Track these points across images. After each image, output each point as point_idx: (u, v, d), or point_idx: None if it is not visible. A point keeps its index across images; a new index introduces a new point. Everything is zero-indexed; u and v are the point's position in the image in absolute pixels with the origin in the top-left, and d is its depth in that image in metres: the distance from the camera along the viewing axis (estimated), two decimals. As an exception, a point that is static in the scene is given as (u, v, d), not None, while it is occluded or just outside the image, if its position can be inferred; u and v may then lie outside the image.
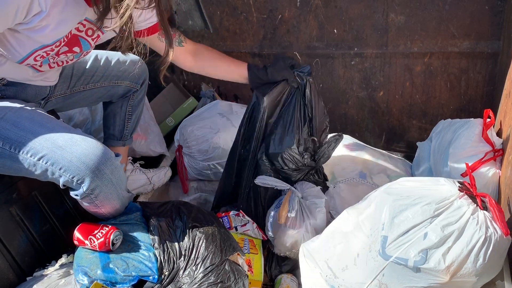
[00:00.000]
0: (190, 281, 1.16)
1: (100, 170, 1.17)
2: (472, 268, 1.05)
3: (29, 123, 1.19)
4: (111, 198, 1.25)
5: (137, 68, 1.64)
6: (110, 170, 1.20)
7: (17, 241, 1.39)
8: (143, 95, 1.75)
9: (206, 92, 2.37)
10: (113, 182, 1.22)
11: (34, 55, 1.18)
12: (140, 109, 1.75)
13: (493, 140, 1.50)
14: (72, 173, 1.16)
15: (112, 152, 1.24)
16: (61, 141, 1.17)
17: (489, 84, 1.87)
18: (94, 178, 1.17)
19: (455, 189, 1.13)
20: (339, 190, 1.72)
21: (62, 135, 1.18)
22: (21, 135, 1.17)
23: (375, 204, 1.19)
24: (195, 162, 1.93)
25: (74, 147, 1.16)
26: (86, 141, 1.19)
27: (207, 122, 1.95)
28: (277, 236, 1.54)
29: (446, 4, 1.78)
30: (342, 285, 1.19)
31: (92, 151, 1.17)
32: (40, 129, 1.18)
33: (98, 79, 1.57)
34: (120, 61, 1.61)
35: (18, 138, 1.17)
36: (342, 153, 1.93)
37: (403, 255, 1.08)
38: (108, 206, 1.27)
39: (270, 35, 2.14)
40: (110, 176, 1.20)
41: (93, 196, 1.21)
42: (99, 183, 1.18)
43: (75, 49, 1.26)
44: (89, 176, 1.16)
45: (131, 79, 1.64)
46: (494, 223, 1.09)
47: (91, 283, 1.11)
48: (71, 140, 1.18)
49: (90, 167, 1.16)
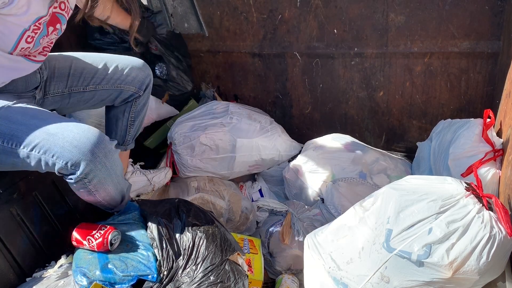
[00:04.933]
0: (189, 280, 1.16)
1: (94, 153, 1.16)
2: (475, 266, 1.05)
3: (21, 116, 1.19)
4: (105, 183, 1.24)
5: (140, 73, 1.61)
6: (104, 153, 1.18)
7: (17, 241, 1.39)
8: (146, 100, 1.71)
9: (206, 92, 2.37)
10: (107, 166, 1.20)
11: (24, 36, 1.20)
12: (143, 114, 1.72)
13: (493, 140, 1.50)
14: (65, 159, 1.15)
15: (106, 137, 1.22)
16: (53, 128, 1.16)
17: (489, 84, 1.87)
18: (88, 162, 1.15)
19: (461, 188, 1.14)
20: (338, 187, 1.73)
21: (55, 123, 1.18)
22: (13, 128, 1.16)
23: (381, 199, 1.20)
24: (183, 159, 1.94)
25: (66, 132, 1.15)
26: (78, 126, 1.18)
27: (196, 121, 1.97)
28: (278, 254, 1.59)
29: (446, 4, 1.78)
30: (345, 277, 1.20)
31: (85, 134, 1.16)
32: (32, 121, 1.18)
33: (99, 81, 1.55)
34: (122, 64, 1.59)
35: (11, 131, 1.16)
36: (342, 153, 1.93)
37: (407, 249, 1.09)
38: (103, 192, 1.26)
39: (270, 35, 2.14)
40: (104, 160, 1.19)
41: (87, 181, 1.19)
42: (92, 167, 1.17)
43: (57, 26, 1.31)
44: (82, 160, 1.15)
45: (134, 84, 1.61)
46: (499, 223, 1.09)
47: (90, 284, 1.11)
48: (64, 126, 1.17)
49: (82, 151, 1.14)
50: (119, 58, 1.60)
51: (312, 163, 1.94)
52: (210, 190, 1.90)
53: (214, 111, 2.03)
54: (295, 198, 1.95)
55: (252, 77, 2.31)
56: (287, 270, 1.61)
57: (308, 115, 2.29)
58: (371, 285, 1.15)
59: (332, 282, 1.24)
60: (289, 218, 1.65)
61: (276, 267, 1.62)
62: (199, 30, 2.12)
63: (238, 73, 2.33)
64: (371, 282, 1.15)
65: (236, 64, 2.30)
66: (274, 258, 1.63)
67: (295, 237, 1.59)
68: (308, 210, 1.77)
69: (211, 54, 2.32)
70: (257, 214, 1.84)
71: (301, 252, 1.52)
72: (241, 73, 2.32)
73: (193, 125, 1.96)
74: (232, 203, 1.83)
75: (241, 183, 2.14)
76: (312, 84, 2.19)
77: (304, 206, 1.80)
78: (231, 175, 2.02)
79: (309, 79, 2.18)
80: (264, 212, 1.83)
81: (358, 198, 1.37)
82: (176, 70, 2.13)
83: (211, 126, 1.95)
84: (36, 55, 1.34)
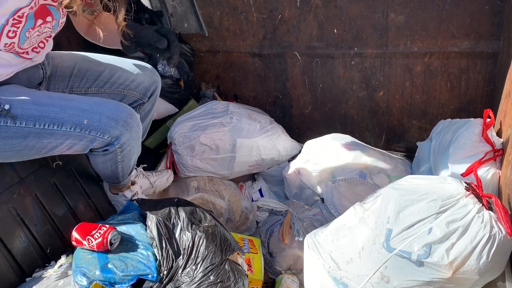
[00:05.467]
0: (189, 280, 1.16)
1: (129, 123, 1.24)
2: (475, 266, 1.05)
3: (48, 98, 1.22)
4: (134, 152, 1.35)
5: (146, 79, 1.56)
6: (136, 123, 1.27)
7: (17, 241, 1.39)
8: (151, 107, 1.65)
9: (207, 92, 2.37)
10: (138, 134, 1.30)
11: (4, 32, 1.12)
12: (148, 120, 1.68)
13: (493, 140, 1.50)
14: (104, 132, 1.22)
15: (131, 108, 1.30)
16: (86, 105, 1.21)
17: (489, 84, 1.87)
18: (125, 132, 1.24)
19: (461, 188, 1.14)
20: (338, 186, 1.73)
21: (84, 101, 1.23)
22: (44, 110, 1.18)
23: (381, 199, 1.20)
24: (183, 159, 1.94)
25: (100, 107, 1.22)
26: (108, 102, 1.26)
27: (196, 121, 1.97)
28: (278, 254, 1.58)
29: (446, 4, 1.78)
30: (345, 277, 1.20)
31: (118, 108, 1.24)
32: (62, 102, 1.22)
33: (102, 84, 1.52)
34: (129, 69, 1.54)
35: (42, 113, 1.18)
36: (342, 153, 1.93)
37: (407, 248, 1.09)
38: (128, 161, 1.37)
39: (270, 35, 2.14)
40: (137, 129, 1.28)
41: (120, 151, 1.28)
42: (128, 137, 1.26)
43: (48, 19, 1.21)
44: (121, 130, 1.22)
45: (139, 90, 1.56)
46: (499, 223, 1.10)
47: (90, 283, 1.11)
48: (95, 103, 1.23)
49: (120, 122, 1.22)
50: (126, 62, 1.56)
51: (312, 163, 1.94)
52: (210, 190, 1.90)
53: (214, 111, 2.03)
54: (295, 198, 1.95)
55: (252, 77, 2.31)
56: (287, 270, 1.61)
57: (308, 115, 2.29)
58: (371, 285, 1.16)
59: (332, 282, 1.25)
60: (289, 218, 1.66)
61: (276, 267, 1.62)
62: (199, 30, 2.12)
63: (238, 73, 2.33)
64: (371, 282, 1.15)
65: (236, 64, 2.30)
66: (274, 258, 1.63)
67: (295, 237, 1.59)
68: (308, 210, 1.78)
69: (211, 54, 2.32)
70: (257, 214, 1.84)
71: (301, 252, 1.52)
72: (241, 73, 2.32)
73: (193, 125, 1.96)
74: (232, 203, 1.83)
75: (241, 183, 2.14)
76: (312, 84, 2.19)
77: (304, 206, 1.80)
78: (231, 175, 2.02)
79: (309, 79, 2.18)
80: (264, 212, 1.83)
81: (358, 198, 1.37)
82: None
83: (211, 126, 1.95)
84: (29, 51, 1.27)
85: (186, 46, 2.25)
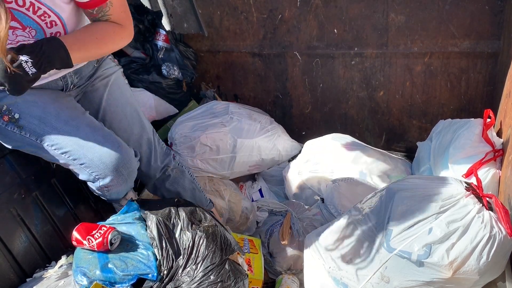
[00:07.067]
0: (189, 280, 1.16)
1: (119, 171, 1.23)
2: (475, 266, 1.05)
3: (55, 119, 1.23)
4: (121, 192, 1.34)
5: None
6: (128, 172, 1.26)
7: (18, 241, 1.39)
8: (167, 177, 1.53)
9: (207, 92, 2.38)
10: (128, 181, 1.28)
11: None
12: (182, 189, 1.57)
13: (493, 140, 1.50)
14: (92, 170, 1.23)
15: (132, 152, 1.29)
16: (83, 140, 1.22)
17: (489, 84, 1.87)
18: (112, 177, 1.23)
19: (461, 188, 1.14)
20: (338, 186, 1.73)
21: (85, 134, 1.23)
22: (46, 131, 1.22)
23: (381, 199, 1.20)
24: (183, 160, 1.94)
25: (96, 147, 1.21)
26: (107, 142, 1.24)
27: (196, 121, 1.97)
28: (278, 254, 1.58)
29: (446, 4, 1.78)
30: (345, 277, 1.20)
31: (113, 153, 1.22)
32: (64, 127, 1.23)
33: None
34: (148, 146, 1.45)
35: (44, 133, 1.22)
36: (342, 153, 1.93)
37: (407, 249, 1.09)
38: (115, 195, 1.35)
39: (270, 35, 2.14)
40: (127, 177, 1.26)
41: (106, 190, 1.28)
42: (115, 182, 1.25)
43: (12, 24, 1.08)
44: (108, 175, 1.23)
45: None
46: (499, 223, 1.10)
47: (90, 283, 1.11)
48: (93, 140, 1.23)
49: (109, 168, 1.22)
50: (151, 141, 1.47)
51: (312, 163, 1.94)
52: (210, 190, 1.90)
53: (214, 111, 2.03)
54: (295, 198, 1.95)
55: (252, 77, 2.31)
56: (287, 270, 1.61)
57: (308, 115, 2.29)
58: (371, 285, 1.16)
59: (332, 282, 1.25)
60: (289, 218, 1.65)
61: (276, 267, 1.62)
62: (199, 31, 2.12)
63: (238, 73, 2.33)
64: (371, 282, 1.15)
65: (236, 64, 2.30)
66: (274, 258, 1.63)
67: (295, 237, 1.59)
68: (308, 210, 1.77)
69: (211, 54, 2.32)
70: (257, 214, 1.84)
71: (301, 252, 1.52)
72: (241, 73, 2.32)
73: (193, 125, 1.95)
74: (232, 203, 1.83)
75: (241, 183, 2.14)
76: (312, 84, 2.19)
77: (303, 206, 1.79)
78: (231, 175, 2.02)
79: (309, 79, 2.18)
80: (264, 212, 1.83)
81: (358, 198, 1.37)
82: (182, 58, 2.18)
83: (212, 126, 1.95)
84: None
85: (190, 50, 2.25)
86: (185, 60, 2.19)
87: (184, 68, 2.19)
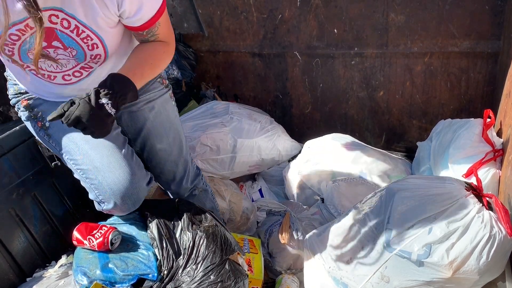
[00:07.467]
0: (190, 280, 1.16)
1: (124, 200, 1.23)
2: (475, 266, 1.05)
3: (77, 135, 1.25)
4: (121, 214, 1.33)
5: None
6: (133, 202, 1.25)
7: (17, 241, 1.39)
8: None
9: (207, 92, 2.38)
10: (131, 210, 1.27)
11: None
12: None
13: (493, 140, 1.50)
14: (99, 193, 1.23)
15: (144, 182, 1.27)
16: (98, 162, 1.23)
17: (489, 84, 1.87)
18: (116, 204, 1.23)
19: (461, 188, 1.15)
20: (338, 186, 1.73)
21: (101, 156, 1.23)
22: (68, 146, 1.26)
23: (381, 199, 1.20)
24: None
25: (108, 173, 1.22)
26: (121, 168, 1.23)
27: (196, 121, 1.97)
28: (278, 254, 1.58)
29: (446, 4, 1.78)
30: (345, 276, 1.20)
31: (123, 181, 1.22)
32: (84, 145, 1.25)
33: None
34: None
35: (65, 147, 1.27)
36: (342, 153, 1.93)
37: (407, 248, 1.09)
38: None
39: (270, 35, 2.14)
40: (131, 207, 1.26)
41: (108, 212, 1.28)
42: (118, 210, 1.25)
43: (54, 44, 1.11)
44: (112, 202, 1.23)
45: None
46: (499, 223, 1.10)
47: (90, 283, 1.11)
48: (107, 164, 1.23)
49: (116, 195, 1.22)
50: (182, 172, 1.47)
51: (312, 163, 1.94)
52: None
53: (214, 111, 2.03)
54: (295, 198, 1.95)
55: (252, 76, 2.31)
56: (287, 270, 1.61)
57: (308, 115, 2.29)
58: (371, 285, 1.16)
59: (332, 282, 1.25)
60: (288, 218, 1.65)
61: (276, 267, 1.62)
62: (199, 30, 2.13)
63: (238, 73, 2.33)
64: (371, 282, 1.15)
65: (236, 63, 2.30)
66: (273, 258, 1.63)
67: (294, 237, 1.59)
68: (307, 209, 1.77)
69: (211, 53, 2.32)
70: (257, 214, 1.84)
71: (300, 251, 1.52)
72: (241, 73, 2.32)
73: (193, 125, 1.95)
74: (233, 204, 1.83)
75: (241, 183, 2.14)
76: (312, 84, 2.19)
77: (301, 206, 1.79)
78: (232, 175, 2.02)
79: (309, 78, 2.18)
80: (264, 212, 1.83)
81: (358, 198, 1.37)
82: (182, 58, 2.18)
83: (212, 126, 1.95)
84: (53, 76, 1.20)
85: (189, 50, 2.25)
86: (184, 60, 2.20)
87: (183, 68, 2.19)
